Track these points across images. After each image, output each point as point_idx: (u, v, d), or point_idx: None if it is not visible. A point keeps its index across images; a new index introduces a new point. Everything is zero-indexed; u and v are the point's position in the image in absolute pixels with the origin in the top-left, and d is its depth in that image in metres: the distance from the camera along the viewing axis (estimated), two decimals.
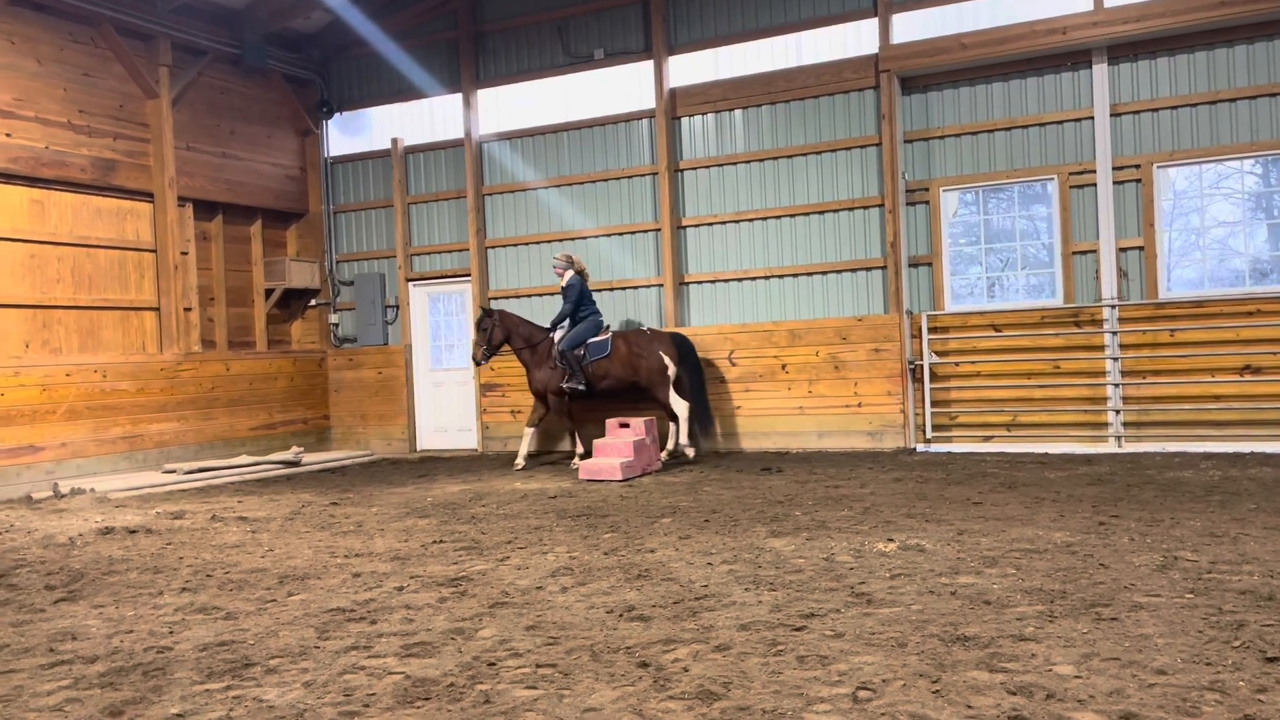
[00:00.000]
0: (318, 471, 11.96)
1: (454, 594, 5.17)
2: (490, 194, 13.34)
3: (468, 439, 13.49)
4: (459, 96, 13.44)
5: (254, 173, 13.39)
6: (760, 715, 3.25)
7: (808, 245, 11.69)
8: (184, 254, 12.27)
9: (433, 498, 9.02)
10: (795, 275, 11.74)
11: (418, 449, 13.72)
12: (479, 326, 11.01)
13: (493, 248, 13.35)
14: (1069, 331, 10.54)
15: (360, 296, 14.05)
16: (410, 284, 13.84)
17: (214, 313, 12.91)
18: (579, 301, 10.87)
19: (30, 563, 6.56)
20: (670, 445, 10.90)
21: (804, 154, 11.65)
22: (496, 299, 13.25)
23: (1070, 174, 10.61)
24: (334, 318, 14.25)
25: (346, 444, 14.06)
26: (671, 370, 10.89)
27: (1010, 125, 10.84)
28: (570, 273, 10.94)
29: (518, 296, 13.12)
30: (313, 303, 14.22)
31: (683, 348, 11.11)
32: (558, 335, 10.89)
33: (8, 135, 10.36)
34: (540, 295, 13.03)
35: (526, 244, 13.14)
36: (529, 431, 11.25)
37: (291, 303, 14.10)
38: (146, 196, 11.86)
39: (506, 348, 11.17)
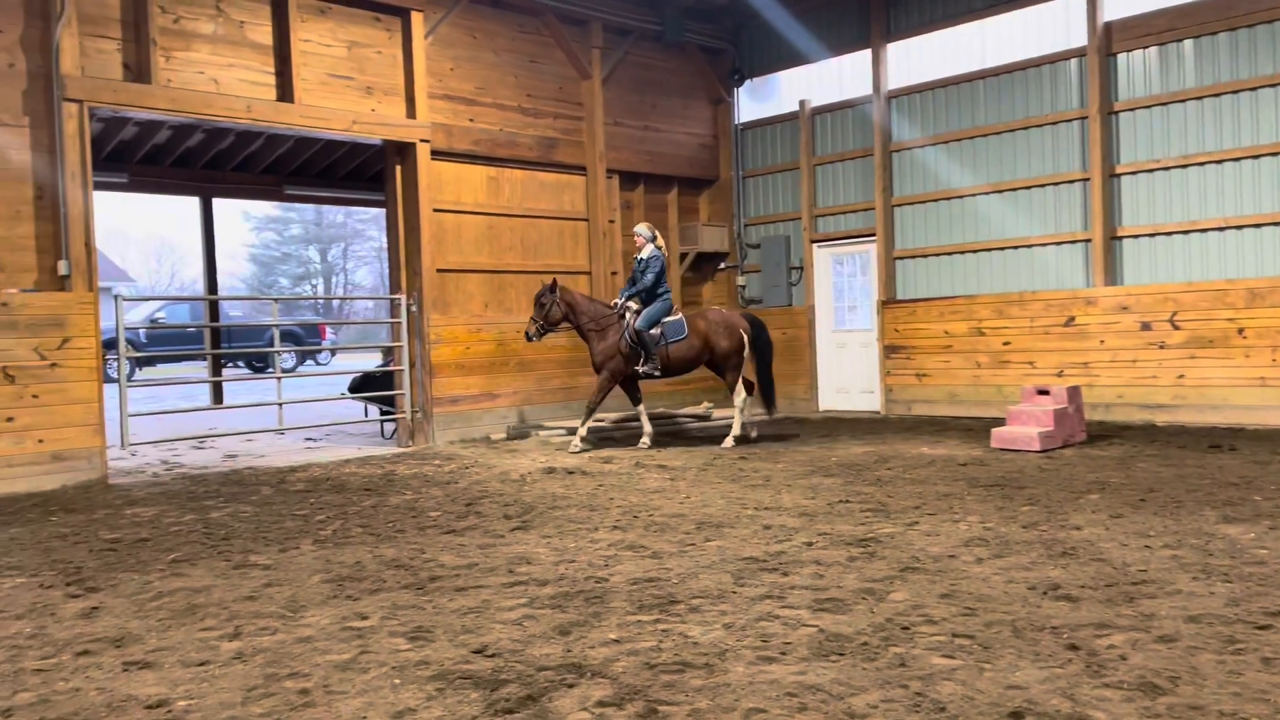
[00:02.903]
0: (724, 426, 12.48)
1: (863, 554, 5.17)
2: (897, 150, 12.99)
3: (869, 400, 13.37)
4: (867, 53, 13.20)
5: (671, 143, 14.18)
6: (1217, 718, 2.90)
7: (1274, 190, 10.06)
8: (611, 222, 13.35)
9: (837, 458, 9.07)
10: (1258, 225, 10.17)
11: (819, 409, 13.85)
12: (538, 302, 10.44)
13: (898, 206, 13.01)
14: None
15: (766, 259, 14.40)
16: (814, 245, 13.92)
17: None
18: (660, 276, 10.32)
19: (491, 494, 7.57)
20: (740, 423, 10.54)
21: (1273, 84, 10.01)
22: (901, 258, 12.94)
23: None
24: (741, 280, 14.75)
25: (753, 402, 14.51)
26: (747, 352, 10.45)
27: None
28: (651, 246, 10.35)
29: (923, 256, 12.70)
30: (722, 265, 14.83)
31: (756, 326, 10.61)
32: (628, 316, 10.23)
33: (471, 120, 11.87)
34: (947, 254, 12.50)
35: (935, 200, 12.64)
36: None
37: (703, 266, 14.80)
38: (580, 170, 13.03)
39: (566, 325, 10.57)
